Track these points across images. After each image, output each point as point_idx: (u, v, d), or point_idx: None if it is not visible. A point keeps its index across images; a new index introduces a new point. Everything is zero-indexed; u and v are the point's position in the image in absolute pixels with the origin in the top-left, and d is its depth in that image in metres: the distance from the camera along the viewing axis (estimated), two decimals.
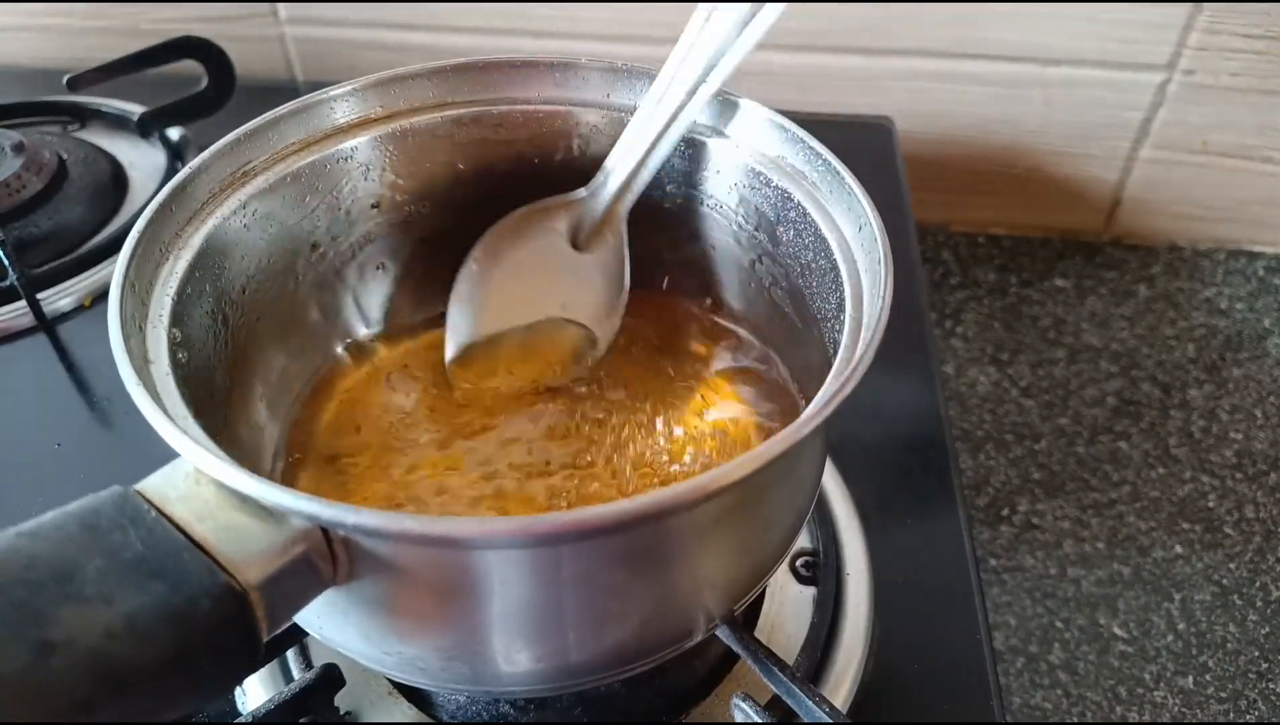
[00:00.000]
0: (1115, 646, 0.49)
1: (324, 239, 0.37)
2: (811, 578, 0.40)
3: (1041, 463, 0.58)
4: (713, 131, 0.36)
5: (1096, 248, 0.71)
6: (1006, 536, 0.54)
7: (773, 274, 0.36)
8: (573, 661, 0.27)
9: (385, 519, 0.22)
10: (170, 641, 0.20)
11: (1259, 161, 0.66)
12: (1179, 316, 0.66)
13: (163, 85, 0.63)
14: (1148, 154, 0.67)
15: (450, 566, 0.25)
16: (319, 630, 0.28)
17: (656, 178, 0.36)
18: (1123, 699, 0.47)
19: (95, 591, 0.20)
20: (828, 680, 0.36)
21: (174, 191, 0.31)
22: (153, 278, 0.29)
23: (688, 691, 0.36)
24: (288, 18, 0.72)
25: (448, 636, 0.26)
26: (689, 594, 0.28)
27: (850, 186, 0.31)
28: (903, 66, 0.66)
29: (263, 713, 0.32)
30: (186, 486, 0.23)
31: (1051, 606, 0.51)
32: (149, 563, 0.21)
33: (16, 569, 0.20)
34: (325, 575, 0.24)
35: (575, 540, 0.24)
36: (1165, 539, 0.54)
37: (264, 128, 0.34)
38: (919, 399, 0.48)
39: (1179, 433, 0.59)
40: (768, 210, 0.35)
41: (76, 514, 0.21)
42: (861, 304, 0.29)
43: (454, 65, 0.37)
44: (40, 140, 0.60)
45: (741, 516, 0.27)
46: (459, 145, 0.38)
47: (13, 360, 0.51)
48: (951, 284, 0.69)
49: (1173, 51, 0.62)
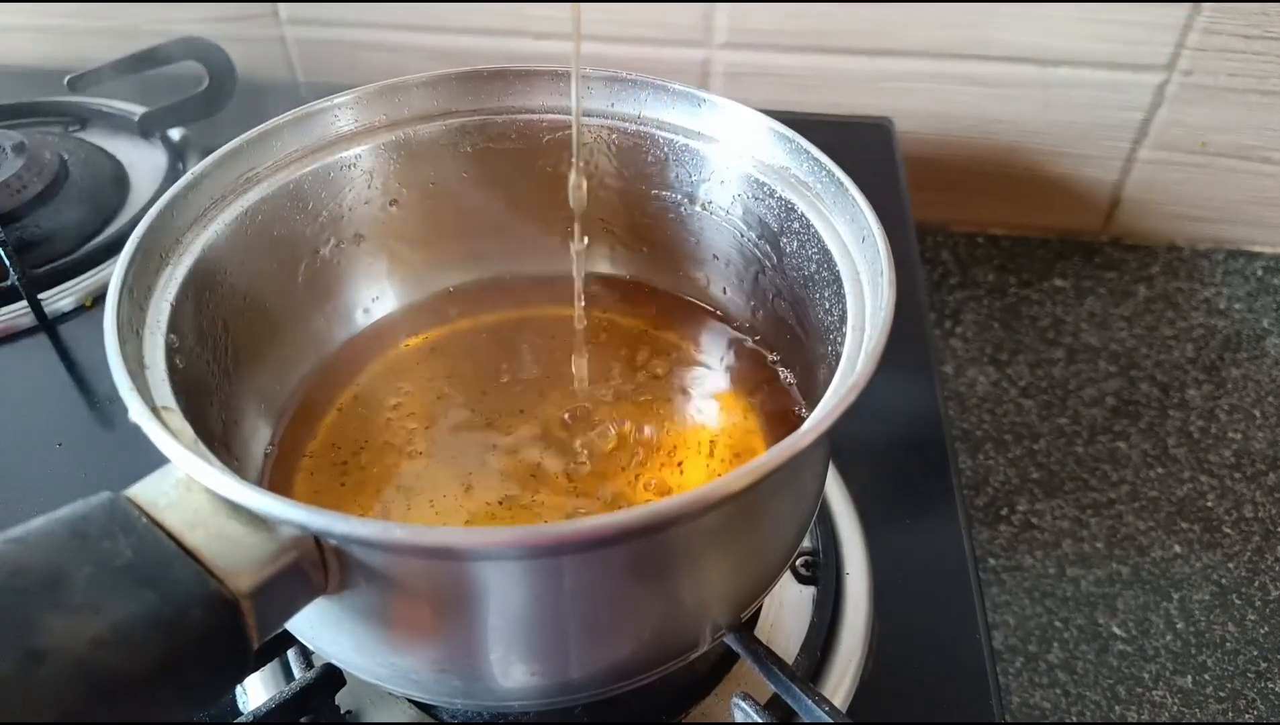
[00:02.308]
0: (1114, 646, 0.49)
1: (325, 246, 0.37)
2: (811, 577, 0.40)
3: (1040, 462, 0.58)
4: (716, 140, 0.36)
5: (1095, 248, 0.71)
6: (1005, 536, 0.54)
7: (776, 284, 0.36)
8: (572, 676, 0.27)
9: (375, 528, 0.22)
10: (160, 650, 0.20)
11: (1258, 161, 0.66)
12: (1178, 316, 0.66)
13: (163, 85, 0.63)
14: (1147, 154, 0.67)
15: (444, 577, 0.24)
16: (312, 640, 0.28)
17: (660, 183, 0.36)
18: (1122, 698, 0.47)
19: (84, 599, 0.20)
20: (827, 679, 0.36)
21: (174, 198, 0.31)
22: (151, 283, 0.29)
23: (687, 691, 0.36)
24: (288, 18, 0.72)
25: (442, 649, 0.26)
26: (694, 605, 0.28)
27: (854, 197, 0.31)
28: (903, 66, 0.66)
29: (263, 712, 0.32)
30: (177, 493, 0.23)
31: (1050, 606, 0.51)
32: (139, 570, 0.21)
33: (4, 576, 0.19)
34: (317, 584, 0.23)
35: (573, 551, 0.24)
36: (1164, 538, 0.54)
37: (266, 135, 0.34)
38: (919, 399, 0.49)
39: (1178, 432, 0.59)
40: (771, 221, 0.35)
41: (66, 520, 0.21)
42: (864, 315, 0.29)
43: (457, 74, 0.37)
44: (41, 141, 0.60)
45: (745, 526, 0.27)
46: (462, 154, 0.38)
47: (13, 360, 0.51)
48: (951, 284, 0.69)
49: (1172, 52, 0.62)
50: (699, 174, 0.37)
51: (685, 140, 0.36)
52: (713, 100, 0.36)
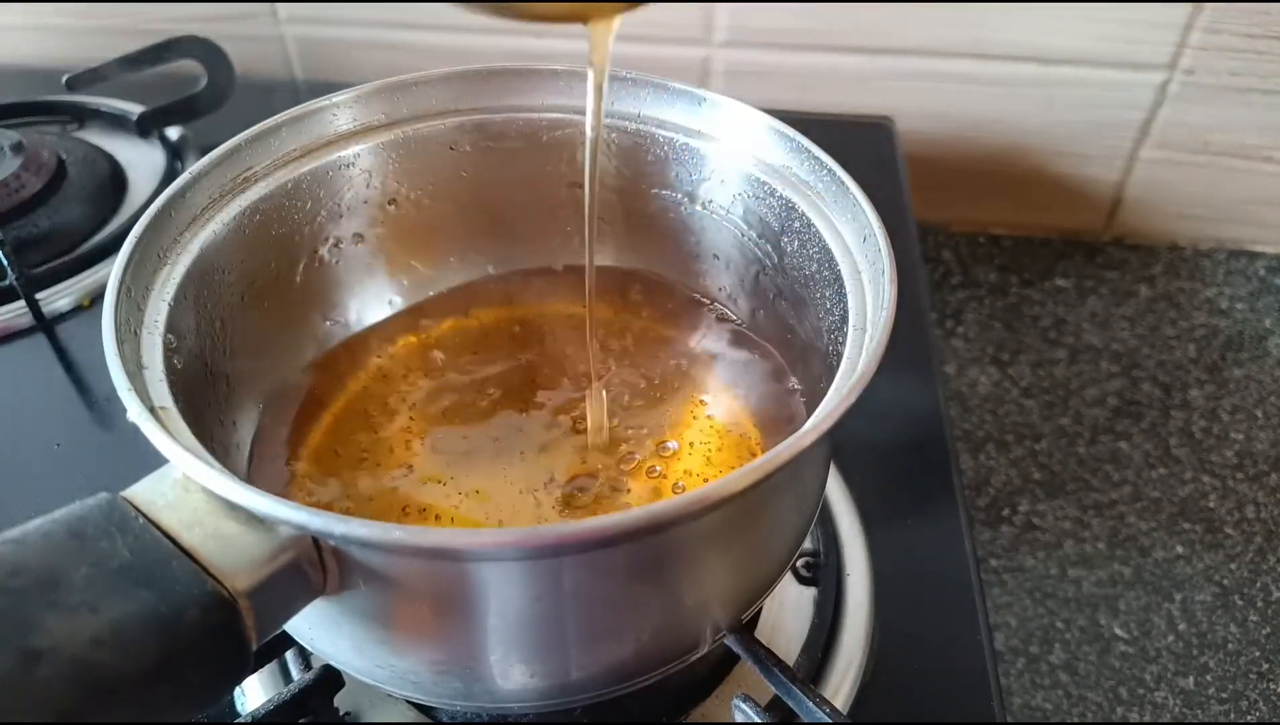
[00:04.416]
0: (1116, 647, 0.49)
1: (324, 245, 0.37)
2: (812, 578, 0.39)
3: (1042, 463, 0.58)
4: (717, 139, 0.36)
5: (1097, 248, 0.71)
6: (1007, 537, 0.54)
7: (776, 283, 0.36)
8: (572, 678, 0.27)
9: (375, 529, 0.22)
10: (157, 649, 0.20)
11: (1260, 161, 0.66)
12: (1180, 316, 0.66)
13: (162, 85, 0.63)
14: (1148, 154, 0.67)
15: (443, 578, 0.24)
16: (311, 642, 0.28)
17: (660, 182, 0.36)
18: (1123, 699, 0.47)
19: (81, 599, 0.20)
20: (828, 681, 0.36)
21: (172, 197, 0.30)
22: (149, 283, 0.29)
23: (688, 692, 0.36)
24: (287, 17, 0.72)
25: (441, 650, 0.26)
26: (694, 606, 0.28)
27: (855, 197, 0.31)
28: (903, 66, 0.66)
29: (262, 713, 0.32)
30: (175, 493, 0.23)
31: (1052, 607, 0.51)
32: (136, 570, 0.21)
33: (1, 577, 0.19)
34: (315, 584, 0.23)
35: (572, 552, 0.24)
36: (1166, 539, 0.54)
37: (264, 134, 0.34)
38: (920, 399, 0.48)
39: (1180, 433, 0.59)
40: (772, 220, 0.35)
41: (64, 521, 0.21)
42: (865, 315, 0.29)
43: (457, 73, 0.37)
44: (39, 140, 0.60)
45: (746, 526, 0.27)
46: (461, 153, 0.38)
47: (11, 360, 0.51)
48: (952, 284, 0.69)
49: (1173, 51, 0.62)
50: (699, 173, 0.37)
51: (685, 139, 0.36)
52: (713, 99, 0.35)
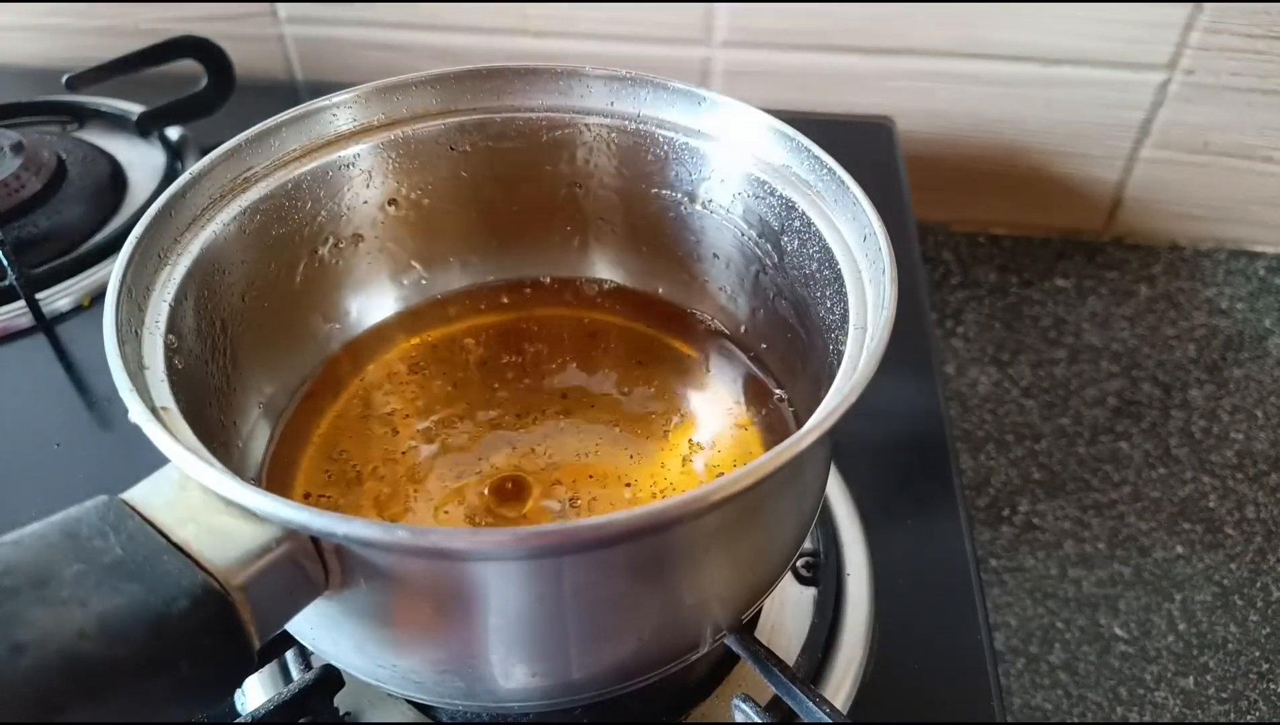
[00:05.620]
0: (1116, 647, 0.49)
1: (324, 245, 0.37)
2: (812, 578, 0.39)
3: (1042, 463, 0.58)
4: (717, 139, 0.36)
5: (1097, 247, 0.71)
6: (1007, 537, 0.54)
7: (776, 283, 0.36)
8: (573, 677, 0.27)
9: (377, 529, 0.22)
10: (146, 641, 0.20)
11: (1260, 161, 0.66)
12: (1180, 316, 0.66)
13: (162, 85, 0.63)
14: (1148, 154, 0.67)
15: (445, 578, 0.24)
16: (312, 642, 0.28)
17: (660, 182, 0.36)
18: (1123, 699, 0.47)
19: (70, 594, 0.20)
20: (828, 681, 0.36)
21: (172, 198, 0.30)
22: (150, 283, 0.29)
23: (688, 692, 0.36)
24: (287, 17, 0.72)
25: (442, 650, 0.26)
26: (694, 606, 0.28)
27: (855, 196, 0.31)
28: (903, 66, 0.66)
29: (262, 713, 0.32)
30: (173, 493, 0.23)
31: (1052, 607, 0.51)
32: (127, 565, 0.21)
33: None
34: (317, 582, 0.23)
35: (573, 552, 0.24)
36: (1166, 539, 0.54)
37: (264, 134, 0.34)
38: (920, 399, 0.48)
39: (1180, 433, 0.59)
40: (772, 219, 0.35)
41: (59, 523, 0.21)
42: (865, 314, 0.29)
43: (456, 73, 0.37)
44: (39, 140, 0.60)
45: (746, 526, 0.27)
46: (461, 153, 0.38)
47: (11, 360, 0.51)
48: (952, 284, 0.69)
49: (1173, 51, 0.62)
50: (699, 172, 0.37)
51: (685, 139, 0.36)
52: (713, 98, 0.35)
